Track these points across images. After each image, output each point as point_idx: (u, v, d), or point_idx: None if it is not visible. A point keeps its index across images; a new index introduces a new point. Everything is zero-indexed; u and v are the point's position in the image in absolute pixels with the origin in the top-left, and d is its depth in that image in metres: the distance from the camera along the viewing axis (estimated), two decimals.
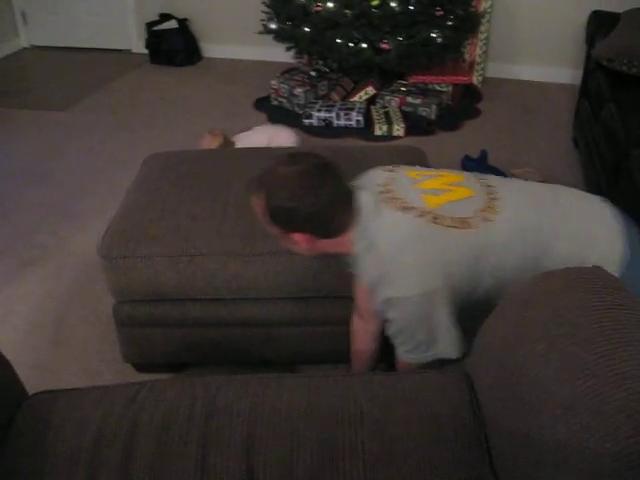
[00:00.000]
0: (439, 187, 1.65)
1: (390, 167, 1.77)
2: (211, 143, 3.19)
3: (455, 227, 1.54)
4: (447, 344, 1.61)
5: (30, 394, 1.53)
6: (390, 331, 1.65)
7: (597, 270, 1.34)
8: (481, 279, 1.59)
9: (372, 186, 1.65)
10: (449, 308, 1.57)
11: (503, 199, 1.62)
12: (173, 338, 2.10)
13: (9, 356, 1.53)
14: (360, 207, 1.59)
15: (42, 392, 1.51)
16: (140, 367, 2.24)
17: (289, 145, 3.33)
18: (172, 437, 1.31)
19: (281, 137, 3.36)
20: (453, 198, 1.62)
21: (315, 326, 2.07)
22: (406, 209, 1.57)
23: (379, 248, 1.56)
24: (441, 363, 1.67)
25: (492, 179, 1.72)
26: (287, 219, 1.56)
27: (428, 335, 1.59)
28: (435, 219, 1.55)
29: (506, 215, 1.59)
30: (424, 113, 4.17)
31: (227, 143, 3.23)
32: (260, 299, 2.02)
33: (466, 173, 1.75)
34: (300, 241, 1.60)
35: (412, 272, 1.54)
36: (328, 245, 1.64)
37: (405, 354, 1.67)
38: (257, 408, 1.36)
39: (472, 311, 1.61)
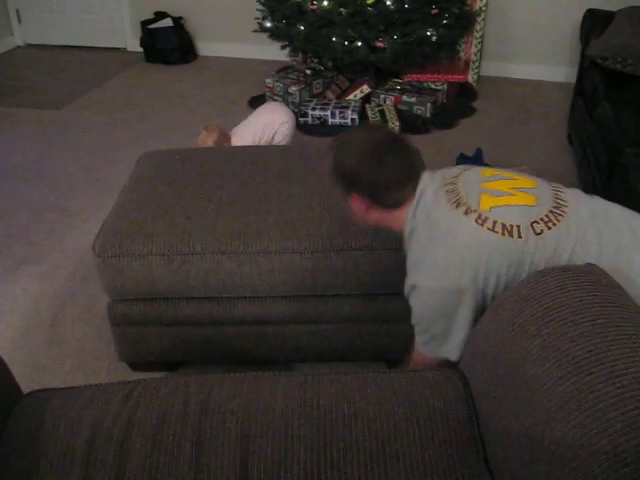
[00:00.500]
0: (503, 189, 1.59)
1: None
2: (207, 139, 3.18)
3: (496, 232, 1.49)
4: (454, 346, 1.59)
5: (25, 393, 1.53)
6: (411, 319, 1.66)
7: (592, 268, 1.34)
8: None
9: (442, 176, 1.65)
10: (471, 311, 1.53)
11: (568, 218, 1.52)
12: (168, 337, 2.10)
13: (4, 354, 1.53)
14: (421, 191, 1.60)
15: (37, 391, 1.51)
16: (135, 366, 2.24)
17: (284, 131, 3.35)
18: (166, 436, 1.31)
19: (275, 123, 3.32)
20: (511, 202, 1.55)
21: (310, 324, 2.07)
22: (459, 205, 1.55)
23: (418, 234, 1.58)
24: (450, 365, 1.63)
25: (569, 193, 1.60)
26: (348, 179, 1.61)
27: (443, 331, 1.58)
28: (478, 219, 1.51)
29: (562, 234, 1.50)
30: (419, 111, 4.17)
31: (223, 138, 3.22)
32: (255, 298, 2.02)
33: (541, 181, 1.64)
34: (357, 206, 1.65)
35: (440, 265, 1.53)
36: (382, 217, 1.66)
37: (421, 345, 1.67)
38: (251, 406, 1.36)
39: None
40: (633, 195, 2.32)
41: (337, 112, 4.06)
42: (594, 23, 3.65)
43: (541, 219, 1.51)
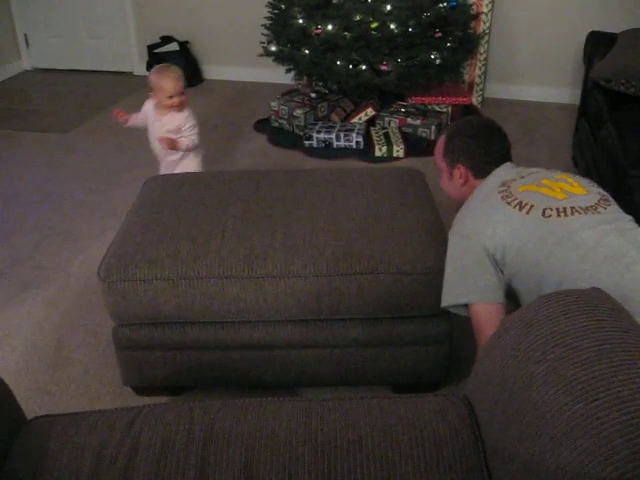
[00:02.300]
0: (552, 185, 1.79)
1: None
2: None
3: (509, 204, 1.74)
4: (463, 290, 1.74)
5: (29, 417, 1.53)
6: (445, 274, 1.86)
7: (597, 292, 1.33)
8: (519, 262, 1.70)
9: (512, 170, 1.93)
10: (480, 258, 1.72)
11: (589, 217, 1.68)
12: (172, 361, 2.09)
13: (8, 379, 1.53)
14: (496, 173, 1.91)
15: (40, 417, 1.51)
16: (139, 390, 2.23)
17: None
18: (170, 462, 1.30)
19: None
20: (542, 191, 1.76)
21: (315, 349, 2.06)
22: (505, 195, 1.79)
23: (467, 202, 1.92)
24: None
25: (612, 210, 1.74)
26: (460, 151, 1.96)
27: (452, 275, 1.79)
28: (506, 198, 1.76)
29: (574, 225, 1.65)
30: (424, 134, 4.19)
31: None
32: (259, 322, 2.01)
33: (596, 195, 1.78)
34: (458, 175, 1.97)
35: (464, 217, 1.85)
36: (468, 187, 1.98)
37: (443, 297, 1.82)
38: (256, 433, 1.35)
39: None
40: (638, 217, 2.31)
41: (342, 135, 4.08)
42: (597, 45, 3.67)
43: (556, 208, 1.69)
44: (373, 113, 4.33)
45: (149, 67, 5.40)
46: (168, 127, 2.96)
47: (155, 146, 3.07)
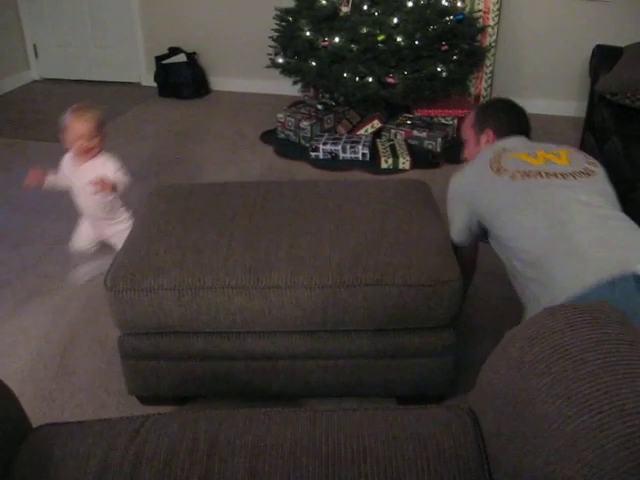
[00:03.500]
0: (538, 154, 2.03)
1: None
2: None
3: (491, 168, 2.00)
4: (454, 231, 2.14)
5: (34, 426, 1.53)
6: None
7: (601, 305, 1.33)
8: (489, 216, 1.98)
9: (521, 141, 2.19)
10: (462, 212, 2.09)
11: (558, 182, 1.89)
12: (178, 371, 2.10)
13: (14, 386, 1.54)
14: (503, 140, 2.18)
15: (46, 425, 1.51)
16: (144, 399, 2.24)
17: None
18: (175, 471, 1.31)
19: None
20: (522, 158, 2.01)
21: (320, 360, 2.06)
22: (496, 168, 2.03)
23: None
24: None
25: (590, 181, 1.92)
26: (490, 118, 2.26)
27: (450, 216, 2.16)
28: (491, 164, 2.02)
29: (535, 187, 1.88)
30: (430, 146, 4.20)
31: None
32: (264, 332, 2.02)
33: (581, 165, 1.99)
34: (485, 141, 2.24)
35: (464, 172, 2.15)
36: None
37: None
38: (260, 443, 1.35)
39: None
40: None
41: (348, 147, 4.09)
42: (603, 59, 3.69)
43: (524, 171, 1.94)
44: (379, 125, 4.34)
45: (157, 78, 5.44)
46: (88, 177, 2.55)
47: (82, 201, 2.70)
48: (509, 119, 2.26)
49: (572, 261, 1.70)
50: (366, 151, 4.08)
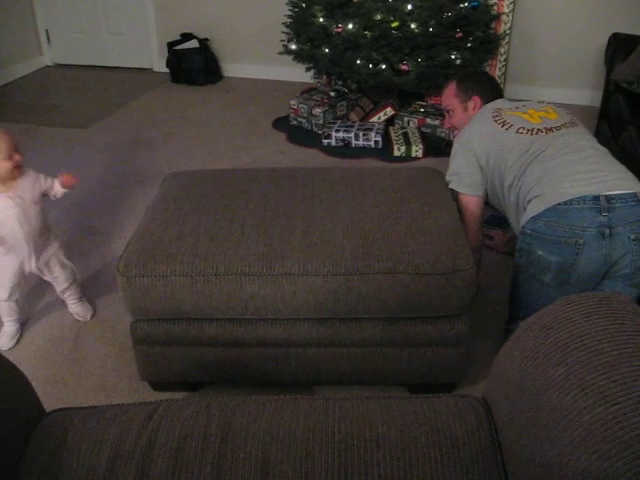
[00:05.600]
0: (533, 113, 2.33)
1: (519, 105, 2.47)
2: None
3: (496, 121, 2.31)
4: (456, 182, 2.39)
5: (47, 410, 1.54)
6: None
7: (617, 296, 1.32)
8: (495, 165, 2.27)
9: (507, 102, 2.52)
10: (468, 161, 2.35)
11: (547, 136, 2.19)
12: (190, 357, 2.10)
13: (27, 371, 1.54)
14: (494, 102, 2.48)
15: (58, 409, 1.52)
16: (156, 385, 2.24)
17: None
18: (187, 457, 1.31)
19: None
20: (524, 117, 2.30)
21: (332, 347, 2.06)
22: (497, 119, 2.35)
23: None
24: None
25: (571, 132, 2.22)
26: (475, 86, 2.55)
27: (452, 168, 2.42)
28: (497, 117, 2.34)
29: (532, 142, 2.18)
30: (442, 134, 4.18)
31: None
32: (277, 320, 2.02)
33: (565, 119, 2.29)
34: (473, 107, 2.53)
35: (465, 130, 2.42)
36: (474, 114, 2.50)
37: (452, 184, 2.41)
38: (272, 430, 1.35)
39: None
40: None
41: (361, 134, 4.07)
42: (619, 47, 3.64)
43: (529, 129, 2.23)
44: (392, 113, 4.32)
45: (169, 64, 5.43)
46: (25, 195, 2.37)
47: (25, 223, 2.37)
48: (491, 86, 2.59)
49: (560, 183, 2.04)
50: (379, 139, 4.06)
